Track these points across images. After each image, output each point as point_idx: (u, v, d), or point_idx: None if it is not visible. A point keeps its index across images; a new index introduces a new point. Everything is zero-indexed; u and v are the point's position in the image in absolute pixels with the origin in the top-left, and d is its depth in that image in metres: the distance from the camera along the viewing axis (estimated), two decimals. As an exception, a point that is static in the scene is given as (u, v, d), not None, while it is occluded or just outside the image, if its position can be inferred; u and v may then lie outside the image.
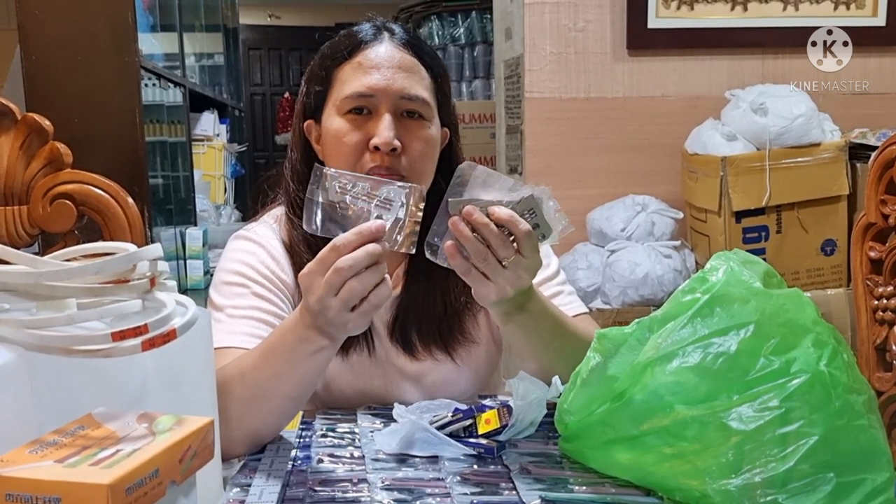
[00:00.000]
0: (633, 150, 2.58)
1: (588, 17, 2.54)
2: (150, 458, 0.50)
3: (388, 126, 1.04)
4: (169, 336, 0.62)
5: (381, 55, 1.07)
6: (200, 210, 3.09)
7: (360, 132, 1.05)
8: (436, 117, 1.11)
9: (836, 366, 0.76)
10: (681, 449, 0.76)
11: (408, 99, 1.06)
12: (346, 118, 1.07)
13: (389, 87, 1.05)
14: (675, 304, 0.81)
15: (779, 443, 0.72)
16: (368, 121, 1.06)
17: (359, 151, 1.05)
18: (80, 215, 1.10)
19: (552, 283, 1.17)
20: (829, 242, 2.31)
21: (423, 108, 1.07)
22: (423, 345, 1.14)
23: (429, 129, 1.08)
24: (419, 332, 1.13)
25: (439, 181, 1.12)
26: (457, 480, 0.83)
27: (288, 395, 0.94)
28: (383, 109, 1.05)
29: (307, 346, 0.89)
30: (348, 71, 1.08)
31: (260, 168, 6.79)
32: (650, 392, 0.78)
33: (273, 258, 1.12)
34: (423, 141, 1.07)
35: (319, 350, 0.89)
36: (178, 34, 2.91)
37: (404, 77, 1.07)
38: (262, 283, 1.10)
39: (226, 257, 1.15)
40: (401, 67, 1.07)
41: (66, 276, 0.64)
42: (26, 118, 1.08)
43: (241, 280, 1.09)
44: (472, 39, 4.54)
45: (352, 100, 1.06)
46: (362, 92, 1.05)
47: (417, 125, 1.07)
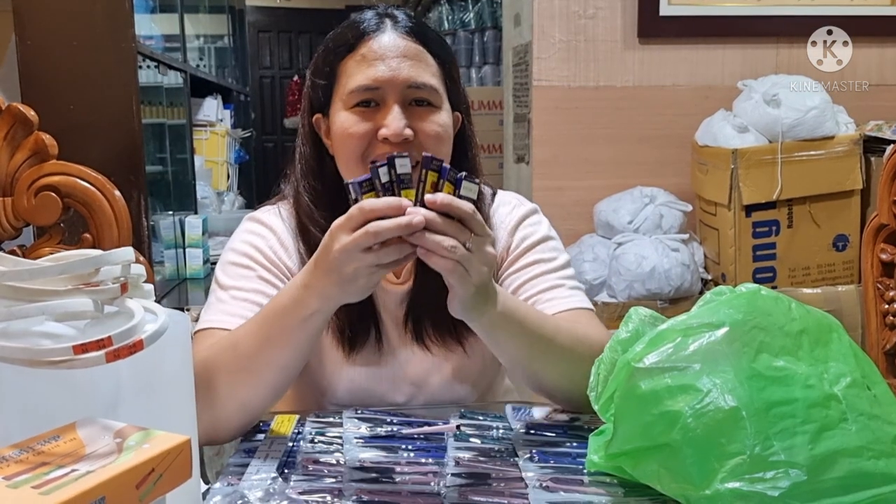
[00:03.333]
0: (642, 140, 2.54)
1: (599, 3, 2.50)
2: (96, 485, 0.48)
3: (397, 116, 1.02)
4: (135, 347, 0.59)
5: (384, 45, 1.05)
6: (202, 197, 3.06)
7: (369, 125, 1.03)
8: (446, 103, 1.08)
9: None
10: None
11: (415, 87, 1.04)
12: (353, 112, 1.04)
13: (396, 78, 1.03)
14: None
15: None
16: (377, 113, 1.04)
17: (368, 143, 1.03)
18: (66, 208, 1.07)
19: (552, 275, 1.13)
20: (841, 238, 2.27)
21: (431, 95, 1.05)
22: (437, 336, 1.12)
23: (440, 114, 1.06)
24: (434, 323, 1.12)
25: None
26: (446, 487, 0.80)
27: (278, 364, 0.94)
28: (391, 100, 1.03)
29: (300, 309, 0.90)
30: (352, 64, 1.05)
31: (268, 152, 6.78)
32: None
33: (282, 244, 1.12)
34: (436, 125, 1.05)
35: (311, 315, 0.90)
36: (178, 15, 2.87)
37: (410, 66, 1.04)
38: (268, 268, 1.09)
39: (235, 237, 1.14)
40: (406, 56, 1.04)
41: (28, 276, 0.62)
42: (11, 108, 1.05)
43: (248, 262, 1.09)
44: (481, 24, 4.49)
45: (358, 93, 1.04)
46: (368, 85, 1.03)
47: (428, 112, 1.05)
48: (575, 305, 1.11)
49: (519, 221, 1.17)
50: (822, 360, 0.79)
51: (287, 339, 0.92)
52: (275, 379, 0.95)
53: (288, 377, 0.97)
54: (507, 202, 1.20)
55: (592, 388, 0.87)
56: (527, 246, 1.15)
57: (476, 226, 0.85)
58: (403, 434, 0.96)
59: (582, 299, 1.13)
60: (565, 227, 2.08)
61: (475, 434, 0.97)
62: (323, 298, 0.89)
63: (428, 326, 1.12)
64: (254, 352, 0.93)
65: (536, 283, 1.12)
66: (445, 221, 0.83)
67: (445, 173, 0.85)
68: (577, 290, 1.14)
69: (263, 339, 0.93)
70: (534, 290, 1.11)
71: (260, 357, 0.93)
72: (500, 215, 1.18)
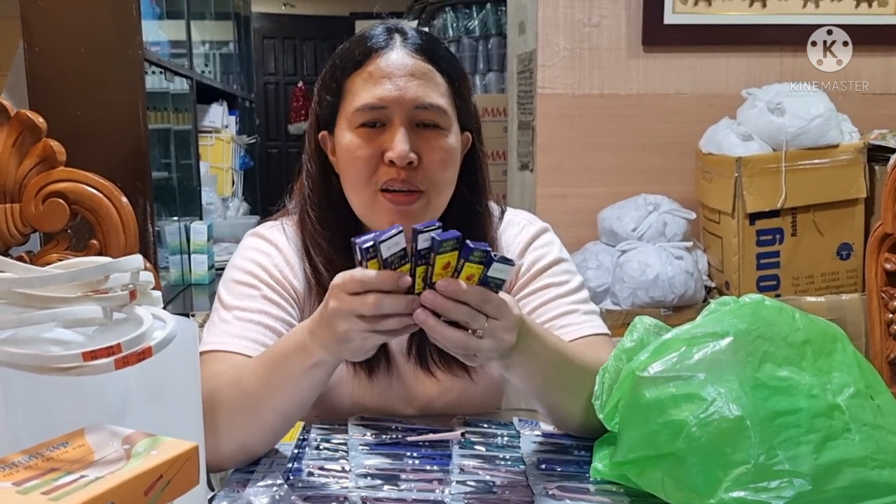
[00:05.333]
0: (646, 148, 2.54)
1: (603, 12, 2.50)
2: (104, 491, 0.48)
3: (402, 139, 0.99)
4: (144, 354, 0.59)
5: (392, 63, 1.02)
6: (207, 203, 3.07)
7: (374, 146, 1.00)
8: (454, 124, 1.05)
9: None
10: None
11: (423, 108, 1.01)
12: (358, 132, 1.02)
13: (402, 98, 1.00)
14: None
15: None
16: (382, 133, 1.01)
17: (373, 166, 1.00)
18: (74, 214, 1.08)
19: (565, 300, 1.10)
20: (844, 246, 2.27)
21: (439, 116, 1.02)
22: (443, 362, 1.09)
23: (447, 138, 1.03)
24: (439, 350, 1.08)
25: (462, 189, 1.08)
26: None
27: (279, 411, 0.91)
28: (397, 121, 1.00)
29: (305, 357, 0.86)
30: (359, 82, 1.03)
31: (272, 158, 6.79)
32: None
33: (287, 263, 1.08)
34: (441, 151, 1.02)
35: (315, 364, 0.87)
36: (185, 22, 2.88)
37: (418, 85, 1.01)
38: (274, 287, 1.06)
39: (239, 254, 1.11)
40: (414, 75, 1.01)
41: (38, 283, 0.62)
42: (19, 115, 1.06)
43: (253, 281, 1.06)
44: (486, 32, 4.49)
45: (363, 113, 1.01)
46: (374, 104, 1.00)
47: (434, 135, 1.02)
48: (590, 332, 1.07)
49: (528, 243, 1.14)
50: (825, 370, 0.79)
51: (290, 386, 0.89)
52: (274, 422, 0.92)
53: (288, 422, 0.94)
54: (517, 222, 1.17)
55: (597, 396, 0.87)
56: (539, 269, 1.12)
57: (492, 310, 0.81)
58: (408, 441, 0.97)
59: (597, 325, 1.10)
60: (569, 234, 2.08)
61: (480, 442, 0.98)
62: (325, 350, 0.85)
63: (433, 353, 1.08)
64: (256, 393, 0.90)
65: (550, 308, 1.09)
66: (456, 308, 0.79)
67: (468, 253, 0.78)
68: (592, 314, 1.11)
69: (266, 382, 0.89)
70: (547, 315, 1.08)
71: (261, 400, 0.90)
72: (509, 236, 1.14)
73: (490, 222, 1.12)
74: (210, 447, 0.83)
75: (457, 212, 1.06)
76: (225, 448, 0.89)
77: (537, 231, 1.16)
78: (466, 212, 1.08)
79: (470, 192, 1.10)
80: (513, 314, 0.83)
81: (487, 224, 1.11)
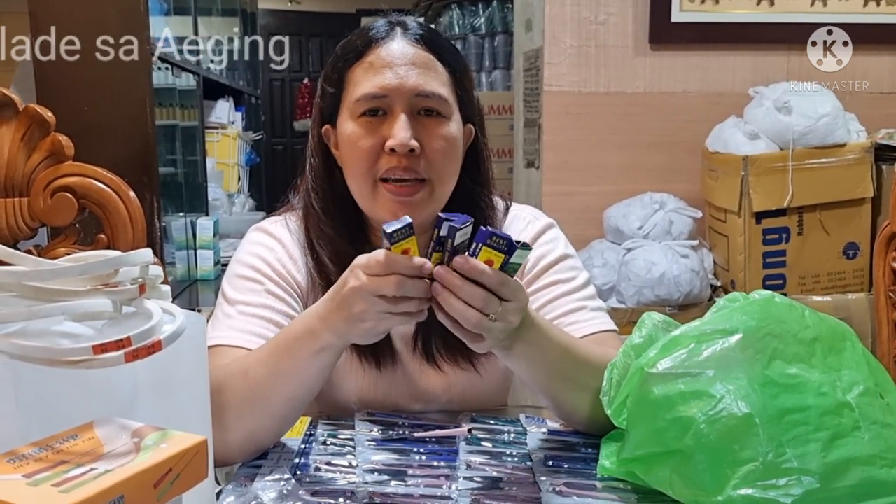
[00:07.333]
0: (652, 146, 2.54)
1: (610, 9, 2.50)
2: (114, 484, 0.48)
3: (403, 126, 0.99)
4: (154, 347, 0.60)
5: (393, 53, 1.02)
6: (213, 199, 3.07)
7: (376, 135, 1.01)
8: (456, 113, 1.05)
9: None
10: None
11: (423, 96, 1.01)
12: (360, 121, 1.02)
13: (403, 86, 1.00)
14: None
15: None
16: (383, 122, 1.01)
17: (375, 155, 1.01)
18: (82, 208, 1.08)
19: (573, 297, 1.10)
20: (851, 246, 2.26)
21: (440, 104, 1.02)
22: (448, 355, 1.09)
23: (448, 126, 1.03)
24: (445, 343, 1.09)
25: (465, 181, 1.08)
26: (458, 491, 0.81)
27: (287, 396, 0.91)
28: (398, 109, 1.00)
29: (312, 341, 0.87)
30: (360, 72, 1.03)
31: (278, 154, 6.79)
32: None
33: (290, 257, 1.09)
34: (442, 139, 1.02)
35: (323, 349, 0.88)
36: (192, 18, 2.88)
37: (419, 74, 1.01)
38: (277, 282, 1.06)
39: (243, 249, 1.11)
40: (414, 64, 1.02)
41: (49, 276, 0.62)
42: (28, 109, 1.06)
43: (256, 276, 1.06)
44: (492, 29, 4.48)
45: (364, 102, 1.01)
46: (374, 93, 1.01)
47: (436, 123, 1.02)
48: (598, 329, 1.08)
49: (534, 239, 1.14)
50: (835, 367, 0.79)
51: (297, 372, 0.90)
52: (283, 410, 0.92)
53: (297, 409, 0.94)
54: (522, 217, 1.17)
55: (605, 392, 0.87)
56: (545, 266, 1.12)
57: (506, 293, 0.82)
58: (415, 437, 0.97)
59: (604, 321, 1.10)
60: (575, 232, 2.08)
61: (487, 438, 0.98)
62: (334, 333, 0.86)
63: (439, 346, 1.09)
64: (263, 381, 0.90)
65: (557, 305, 1.09)
66: (473, 290, 0.80)
67: (484, 237, 0.80)
68: (599, 310, 1.11)
69: (273, 369, 0.90)
70: (555, 312, 1.08)
71: (269, 387, 0.90)
72: (514, 231, 1.14)
73: (494, 216, 1.13)
74: (218, 440, 0.83)
75: (461, 204, 1.06)
76: (233, 439, 0.90)
77: (543, 226, 1.16)
78: (470, 205, 1.08)
79: (473, 186, 1.10)
80: (525, 297, 0.85)
81: (492, 218, 1.11)
